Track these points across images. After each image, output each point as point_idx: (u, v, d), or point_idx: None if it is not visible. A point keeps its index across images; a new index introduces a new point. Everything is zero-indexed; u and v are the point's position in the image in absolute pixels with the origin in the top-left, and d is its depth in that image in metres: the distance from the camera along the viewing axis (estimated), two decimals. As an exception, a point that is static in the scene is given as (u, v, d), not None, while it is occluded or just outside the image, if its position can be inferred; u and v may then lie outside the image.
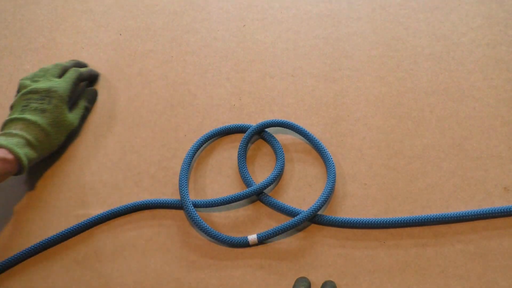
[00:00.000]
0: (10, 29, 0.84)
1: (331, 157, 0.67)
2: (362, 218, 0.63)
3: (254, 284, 0.60)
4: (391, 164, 0.68)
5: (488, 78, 0.75)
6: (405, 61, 0.77)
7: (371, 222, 0.63)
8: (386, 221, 0.63)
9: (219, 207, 0.66)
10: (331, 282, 0.58)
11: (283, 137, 0.71)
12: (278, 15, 0.83)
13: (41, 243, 0.63)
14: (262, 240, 0.62)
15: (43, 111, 0.66)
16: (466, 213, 0.63)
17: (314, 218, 0.63)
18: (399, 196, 0.66)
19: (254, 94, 0.75)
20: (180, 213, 0.66)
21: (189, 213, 0.64)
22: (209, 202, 0.65)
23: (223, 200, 0.65)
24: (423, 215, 0.63)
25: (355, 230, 0.63)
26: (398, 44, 0.79)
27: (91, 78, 0.77)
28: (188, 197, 0.65)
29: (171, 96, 0.76)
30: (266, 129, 0.71)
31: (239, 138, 0.71)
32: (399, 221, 0.63)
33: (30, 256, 0.63)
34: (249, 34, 0.82)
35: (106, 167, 0.70)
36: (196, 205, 0.65)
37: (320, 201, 0.63)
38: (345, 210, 0.65)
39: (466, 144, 0.69)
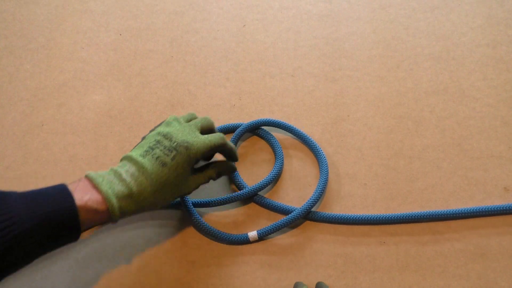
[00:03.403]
0: (10, 29, 0.84)
1: (321, 148, 0.68)
2: (357, 214, 0.63)
3: (254, 284, 0.60)
4: (391, 164, 0.68)
5: (488, 78, 0.75)
6: (405, 61, 0.77)
7: (370, 218, 0.63)
8: (385, 217, 0.63)
9: (218, 206, 0.66)
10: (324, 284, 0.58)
11: (281, 136, 0.71)
12: (278, 15, 0.83)
13: (41, 243, 0.63)
14: (262, 236, 0.62)
15: (163, 164, 0.56)
16: (465, 211, 0.63)
17: (313, 216, 0.64)
18: (399, 196, 0.66)
19: (254, 94, 0.75)
20: (180, 213, 0.66)
21: (189, 212, 0.64)
22: (209, 201, 0.65)
23: (223, 199, 0.65)
24: (419, 212, 0.63)
25: (355, 230, 0.63)
26: (398, 44, 0.79)
27: (231, 157, 0.64)
28: (187, 196, 0.65)
29: (171, 96, 0.76)
30: (264, 128, 0.71)
31: (239, 138, 0.71)
32: (395, 218, 0.63)
33: (30, 256, 0.63)
34: (249, 34, 0.82)
35: (106, 167, 0.70)
36: (196, 205, 0.65)
37: (315, 196, 0.64)
38: (345, 210, 0.65)
39: (466, 144, 0.69)
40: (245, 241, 0.62)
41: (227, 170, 0.63)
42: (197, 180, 0.60)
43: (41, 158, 0.70)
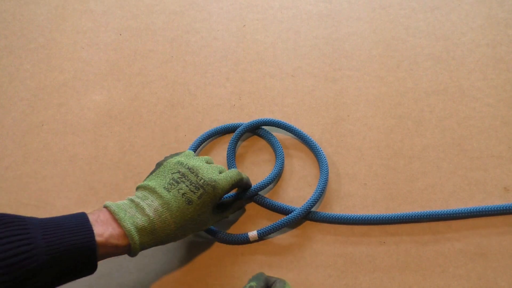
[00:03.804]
0: (10, 29, 0.84)
1: (321, 148, 0.68)
2: (357, 215, 0.63)
3: (254, 284, 0.60)
4: (391, 164, 0.68)
5: (488, 78, 0.75)
6: (405, 61, 0.77)
7: (370, 218, 0.63)
8: (385, 217, 0.63)
9: (219, 207, 0.66)
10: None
11: (281, 136, 0.71)
12: (278, 15, 0.83)
13: (41, 243, 0.63)
14: (262, 236, 0.62)
15: (189, 202, 0.55)
16: (465, 211, 0.63)
17: (313, 216, 0.64)
18: (399, 196, 0.66)
19: (254, 94, 0.75)
20: (180, 213, 0.66)
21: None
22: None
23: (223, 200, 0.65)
24: (419, 212, 0.63)
25: (355, 230, 0.63)
26: (398, 44, 0.79)
27: (246, 187, 0.64)
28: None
29: (171, 96, 0.76)
30: (265, 128, 0.71)
31: (239, 138, 0.71)
32: (395, 218, 0.63)
33: (30, 256, 0.63)
34: (249, 34, 0.82)
35: (106, 167, 0.70)
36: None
37: (315, 196, 0.64)
38: (345, 210, 0.65)
39: (466, 144, 0.69)
40: (245, 241, 0.62)
41: (237, 207, 0.64)
42: (214, 219, 0.60)
43: (41, 158, 0.70)
